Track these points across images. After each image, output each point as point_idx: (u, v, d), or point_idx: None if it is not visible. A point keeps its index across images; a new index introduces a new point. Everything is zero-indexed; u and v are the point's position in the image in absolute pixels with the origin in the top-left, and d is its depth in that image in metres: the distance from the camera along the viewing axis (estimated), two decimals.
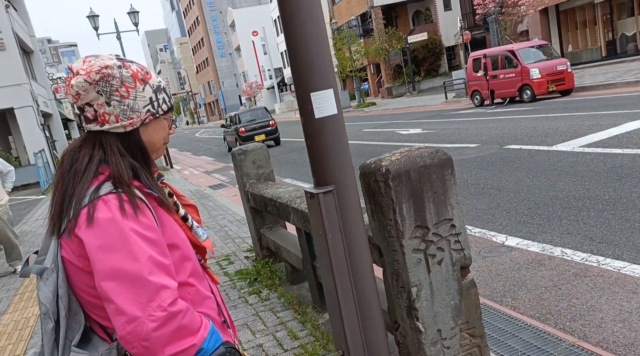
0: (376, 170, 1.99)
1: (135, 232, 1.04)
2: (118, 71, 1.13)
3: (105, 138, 1.14)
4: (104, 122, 1.13)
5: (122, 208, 1.05)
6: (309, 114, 1.81)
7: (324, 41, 1.80)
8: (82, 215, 1.05)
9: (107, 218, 1.03)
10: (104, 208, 1.05)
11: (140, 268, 1.01)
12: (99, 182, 1.09)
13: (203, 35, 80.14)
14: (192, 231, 1.29)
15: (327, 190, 1.85)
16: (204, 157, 18.39)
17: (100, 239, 1.02)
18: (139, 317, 1.00)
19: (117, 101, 1.13)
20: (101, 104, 1.12)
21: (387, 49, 31.62)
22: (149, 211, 1.10)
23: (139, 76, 1.17)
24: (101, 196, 1.06)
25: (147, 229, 1.07)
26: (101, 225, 1.03)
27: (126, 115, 1.14)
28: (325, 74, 1.80)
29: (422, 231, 1.99)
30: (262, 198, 3.95)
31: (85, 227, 1.03)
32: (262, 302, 3.63)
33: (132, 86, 1.14)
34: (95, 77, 1.10)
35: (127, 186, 1.10)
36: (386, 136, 13.07)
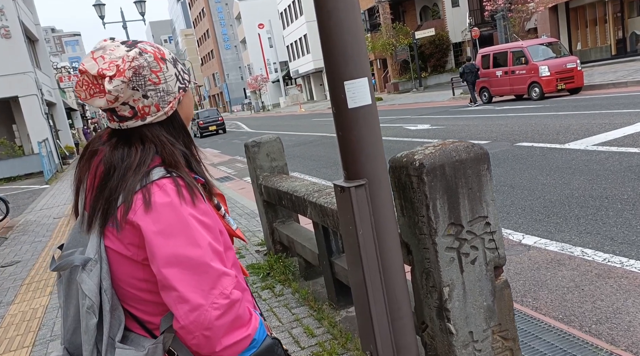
0: (408, 164, 1.90)
1: (194, 217, 1.00)
2: (143, 59, 1.04)
3: (149, 131, 1.07)
4: (146, 116, 1.06)
5: (180, 193, 1.00)
6: (341, 104, 1.72)
7: (359, 27, 1.71)
8: (137, 200, 0.99)
9: (166, 202, 0.99)
10: (160, 193, 1.00)
11: (203, 254, 0.98)
12: (149, 168, 1.04)
13: (208, 27, 79.85)
14: (225, 220, 1.23)
15: (359, 184, 1.76)
16: (209, 150, 18.31)
17: (159, 224, 0.97)
18: (202, 305, 0.96)
19: (153, 90, 1.05)
20: (138, 99, 1.04)
21: (394, 44, 31.40)
22: (201, 196, 1.06)
23: (159, 56, 1.08)
24: (155, 181, 1.01)
25: (204, 214, 1.03)
26: (160, 210, 0.98)
27: (165, 101, 1.08)
28: (360, 62, 1.71)
29: (455, 228, 1.91)
30: (276, 191, 3.87)
31: (143, 212, 0.98)
32: (276, 298, 3.56)
33: (159, 69, 1.07)
34: (129, 75, 1.01)
35: (183, 170, 1.06)
36: (394, 131, 12.96)
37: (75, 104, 35.25)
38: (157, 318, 1.08)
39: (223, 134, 25.59)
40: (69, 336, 1.13)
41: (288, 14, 51.19)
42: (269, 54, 55.59)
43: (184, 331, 0.98)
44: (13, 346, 3.55)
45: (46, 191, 12.34)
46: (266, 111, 52.29)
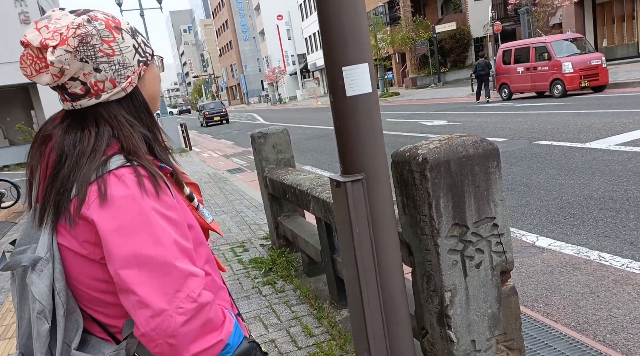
0: (411, 159, 1.77)
1: (157, 212, 0.89)
2: (91, 26, 0.92)
3: (105, 110, 0.95)
4: (100, 92, 0.94)
5: (141, 184, 0.89)
6: (339, 92, 1.59)
7: (361, 9, 1.57)
8: (92, 193, 0.88)
9: (124, 195, 0.87)
10: (118, 184, 0.88)
11: (166, 253, 0.87)
12: (107, 156, 0.92)
13: (227, 18, 79.90)
14: (199, 212, 1.12)
15: (355, 179, 1.63)
16: (223, 141, 18.32)
17: (117, 220, 0.86)
18: (166, 310, 0.86)
19: (106, 63, 0.93)
20: (89, 72, 0.92)
21: (413, 38, 30.96)
22: (167, 187, 0.95)
23: (112, 24, 0.96)
24: (112, 170, 0.89)
25: (169, 208, 0.91)
26: (118, 204, 0.87)
27: (121, 74, 0.96)
28: (360, 46, 1.57)
29: (460, 229, 1.77)
30: (281, 184, 3.76)
31: (98, 206, 0.86)
32: (276, 294, 3.46)
33: (112, 39, 0.94)
34: (74, 43, 0.89)
35: (144, 158, 0.94)
36: (410, 127, 12.75)
37: None
38: (120, 321, 0.98)
39: (237, 127, 25.59)
40: (24, 341, 1.02)
41: (307, 6, 50.86)
42: (287, 46, 55.39)
43: (146, 339, 0.88)
44: (8, 334, 3.52)
45: None
46: (283, 103, 52.22)
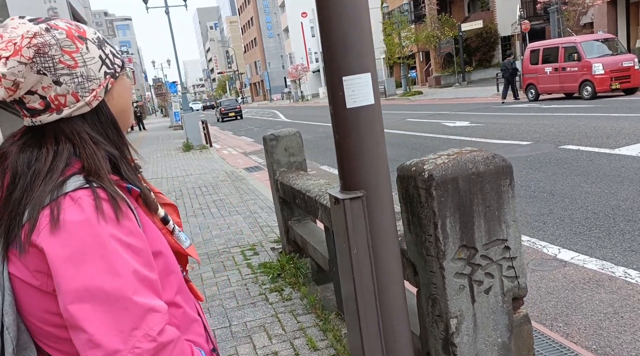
0: (417, 174, 1.65)
1: (115, 239, 0.80)
2: (49, 35, 0.84)
3: (68, 126, 0.87)
4: (61, 107, 0.86)
5: (99, 208, 0.80)
6: (339, 103, 1.49)
7: (364, 13, 1.46)
8: (43, 217, 0.79)
9: (79, 220, 0.79)
10: (73, 208, 0.80)
11: (122, 285, 0.79)
12: (64, 177, 0.84)
13: (253, 15, 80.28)
14: (174, 236, 1.03)
15: (354, 196, 1.52)
16: (244, 138, 18.36)
17: (68, 248, 0.77)
18: (119, 351, 0.77)
19: (67, 75, 0.85)
20: (48, 86, 0.84)
21: (438, 36, 30.47)
22: (130, 211, 0.86)
23: (74, 34, 0.87)
24: (68, 193, 0.81)
25: (130, 234, 0.83)
26: (70, 230, 0.78)
27: (85, 88, 0.87)
28: (363, 55, 1.46)
29: (468, 252, 1.65)
30: (291, 189, 3.67)
31: (48, 232, 0.78)
32: (283, 302, 3.37)
33: (75, 49, 0.86)
34: (29, 54, 0.81)
35: (106, 179, 0.85)
36: (431, 128, 12.51)
37: None
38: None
39: (258, 124, 25.64)
40: None
41: None
42: (310, 43, 55.29)
43: None
44: None
45: None
46: (305, 100, 52.19)
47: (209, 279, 3.97)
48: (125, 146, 0.96)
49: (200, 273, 4.13)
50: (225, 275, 4.01)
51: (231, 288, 3.72)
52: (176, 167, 11.45)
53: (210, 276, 4.05)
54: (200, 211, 6.47)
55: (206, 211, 6.41)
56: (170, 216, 1.07)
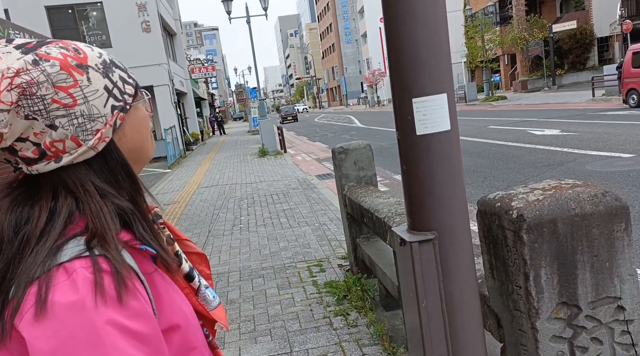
0: (502, 212, 1.37)
1: (114, 326, 0.63)
2: (38, 70, 0.67)
3: (69, 176, 0.71)
4: (60, 154, 0.70)
5: (98, 284, 0.63)
6: (407, 128, 1.25)
7: (441, 27, 1.22)
8: (29, 297, 0.63)
9: (70, 302, 0.62)
10: (65, 285, 0.63)
11: None
12: (63, 240, 0.68)
13: (332, 21, 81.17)
14: (199, 296, 0.86)
15: (425, 238, 1.28)
16: (318, 144, 18.39)
17: (53, 341, 0.61)
18: None
19: (64, 116, 0.69)
20: (40, 132, 0.69)
21: (526, 38, 28.74)
22: (140, 286, 0.69)
23: (72, 62, 0.70)
24: (63, 263, 0.65)
25: (135, 317, 0.65)
26: (58, 316, 0.61)
27: (87, 130, 0.71)
28: (438, 73, 1.22)
29: (569, 310, 1.33)
30: (359, 206, 3.45)
31: (32, 318, 0.62)
32: (348, 328, 3.15)
33: (72, 84, 0.69)
34: (11, 98, 0.65)
35: (112, 245, 0.68)
36: (516, 136, 11.68)
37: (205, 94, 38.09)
38: None
39: (333, 129, 25.64)
40: None
41: None
42: None
43: None
44: None
45: (166, 176, 13.30)
46: (381, 105, 51.64)
47: (273, 296, 3.85)
48: (139, 194, 0.78)
49: (265, 289, 4.02)
50: (290, 293, 3.87)
51: (295, 308, 3.57)
52: (250, 173, 11.65)
53: (274, 292, 3.93)
54: (269, 220, 6.43)
55: (275, 221, 6.37)
56: (198, 268, 0.92)
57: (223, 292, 4.05)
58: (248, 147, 19.46)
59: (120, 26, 17.63)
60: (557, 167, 7.48)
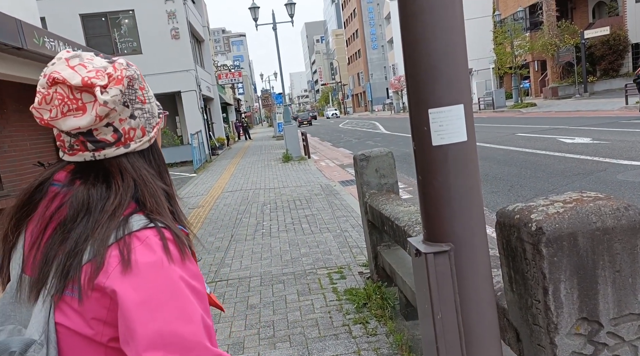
0: (521, 224, 1.35)
1: (184, 281, 0.78)
2: (132, 70, 0.86)
3: (130, 162, 0.86)
4: (129, 141, 0.86)
5: (167, 249, 0.78)
6: (423, 139, 1.25)
7: (458, 38, 1.21)
8: (112, 258, 0.75)
9: (151, 261, 0.76)
10: (142, 248, 0.77)
11: (197, 331, 0.76)
12: (126, 215, 0.81)
13: (358, 27, 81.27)
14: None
15: (440, 250, 1.27)
16: (342, 150, 18.39)
17: (143, 292, 0.74)
18: None
19: (140, 110, 0.86)
20: (125, 118, 0.84)
21: (557, 44, 28.15)
22: (190, 253, 0.84)
23: (140, 72, 0.90)
24: (134, 232, 0.78)
25: (194, 277, 0.81)
26: (143, 272, 0.75)
27: (151, 124, 0.89)
28: (455, 84, 1.21)
29: (589, 326, 1.30)
30: (379, 214, 3.44)
31: (120, 274, 0.74)
32: (367, 336, 3.14)
33: (144, 87, 0.88)
34: (126, 84, 0.83)
35: (169, 218, 0.84)
36: (544, 144, 11.43)
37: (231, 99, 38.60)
38: None
39: (358, 135, 25.60)
40: None
41: None
42: None
43: None
44: None
45: (192, 180, 13.52)
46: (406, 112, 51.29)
47: (293, 302, 3.87)
48: (172, 184, 0.93)
49: (285, 295, 4.04)
50: (310, 299, 3.88)
51: (314, 315, 3.57)
52: (274, 178, 11.73)
53: (294, 298, 3.94)
54: (292, 226, 6.46)
55: (297, 227, 6.39)
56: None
57: (244, 297, 4.08)
58: (272, 152, 19.62)
59: (150, 33, 18.08)
60: (587, 177, 7.28)
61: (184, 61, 18.50)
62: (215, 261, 5.23)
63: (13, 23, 4.75)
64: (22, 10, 6.25)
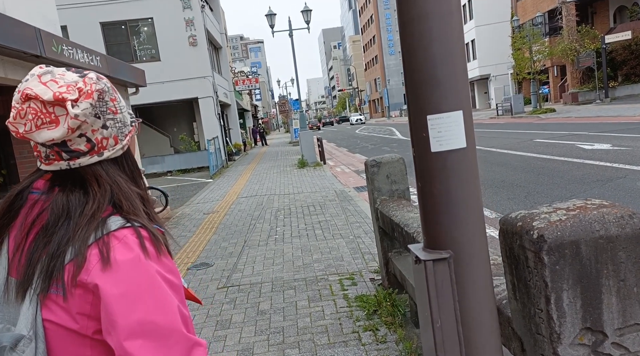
0: (523, 232, 1.33)
1: (160, 275, 0.85)
2: (102, 83, 0.91)
3: (104, 169, 0.91)
4: (102, 150, 0.91)
5: (144, 246, 0.85)
6: (422, 145, 1.25)
7: (457, 45, 1.21)
8: (92, 256, 0.82)
9: (129, 258, 0.82)
10: (120, 247, 0.83)
11: (173, 320, 0.82)
12: (105, 216, 0.88)
13: (375, 33, 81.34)
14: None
15: (439, 257, 1.26)
16: (358, 155, 18.36)
17: (122, 286, 0.80)
18: None
19: (112, 120, 0.91)
20: (97, 129, 0.89)
21: (577, 49, 27.73)
22: (166, 249, 0.91)
23: (111, 85, 0.95)
24: (112, 232, 0.85)
25: (170, 272, 0.87)
26: (122, 268, 0.81)
27: (123, 132, 0.94)
28: (454, 91, 1.21)
29: (593, 337, 1.28)
30: (390, 220, 3.42)
31: (100, 270, 0.81)
32: (376, 344, 3.12)
33: (115, 98, 0.93)
34: (95, 97, 0.88)
35: (144, 218, 0.91)
36: (563, 150, 11.24)
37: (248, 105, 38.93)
38: None
39: (374, 141, 25.55)
40: None
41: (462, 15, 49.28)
42: None
43: None
44: None
45: (208, 185, 13.64)
46: None
47: (303, 308, 3.87)
48: (145, 187, 0.99)
49: (295, 301, 4.04)
50: (320, 306, 3.87)
51: (324, 321, 3.57)
52: (289, 184, 11.77)
53: (305, 304, 3.94)
54: (305, 232, 6.47)
55: (310, 232, 6.39)
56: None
57: (254, 303, 4.10)
58: (288, 158, 19.69)
59: (169, 40, 18.37)
60: (606, 184, 7.14)
61: (201, 67, 18.73)
62: (227, 267, 5.26)
63: (32, 31, 4.88)
64: (42, 19, 6.42)
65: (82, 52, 5.94)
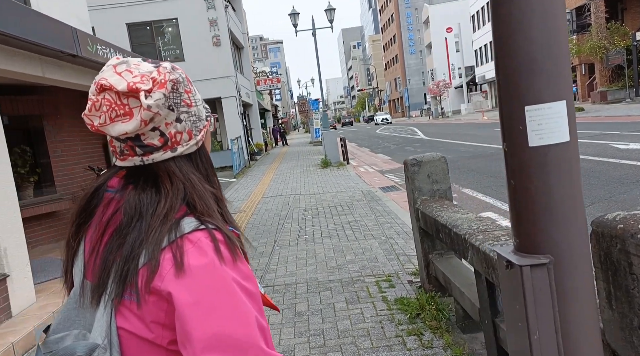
0: (627, 235, 1.21)
1: (236, 283, 0.77)
2: (177, 73, 0.85)
3: (177, 166, 0.85)
4: (176, 145, 0.85)
5: (218, 250, 0.78)
6: (517, 139, 1.13)
7: (561, 26, 1.10)
8: (166, 261, 0.76)
9: (203, 263, 0.76)
10: (194, 251, 0.77)
11: (252, 333, 0.75)
12: (177, 218, 0.81)
13: (395, 33, 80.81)
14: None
15: (538, 262, 1.14)
16: (380, 155, 18.19)
17: (196, 294, 0.74)
18: None
19: (186, 113, 0.85)
20: (171, 122, 0.83)
21: (606, 47, 27.01)
22: (242, 254, 0.84)
23: (186, 75, 0.88)
24: (186, 235, 0.78)
25: (247, 278, 0.80)
26: (196, 274, 0.75)
27: (197, 127, 0.88)
28: (556, 77, 1.09)
29: None
30: (434, 221, 3.30)
31: (174, 277, 0.75)
32: (422, 349, 3.00)
33: (190, 90, 0.87)
34: (170, 88, 0.82)
35: (219, 220, 0.84)
36: (597, 150, 10.90)
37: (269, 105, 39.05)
38: None
39: (396, 141, 25.31)
40: None
41: (480, 17, 48.61)
42: (454, 58, 53.54)
43: None
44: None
45: (232, 185, 13.66)
46: (445, 117, 50.45)
47: (341, 310, 3.77)
48: (219, 187, 0.92)
49: (333, 303, 3.95)
50: (359, 308, 3.77)
51: (365, 324, 3.46)
52: (313, 183, 11.69)
53: (343, 306, 3.84)
54: (335, 232, 6.37)
55: (341, 233, 6.29)
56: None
57: (291, 304, 4.02)
58: (310, 158, 19.63)
59: (193, 41, 18.47)
60: None
61: (224, 67, 18.80)
62: (260, 267, 5.19)
63: (69, 31, 4.90)
64: (75, 19, 6.46)
65: (115, 52, 5.96)
